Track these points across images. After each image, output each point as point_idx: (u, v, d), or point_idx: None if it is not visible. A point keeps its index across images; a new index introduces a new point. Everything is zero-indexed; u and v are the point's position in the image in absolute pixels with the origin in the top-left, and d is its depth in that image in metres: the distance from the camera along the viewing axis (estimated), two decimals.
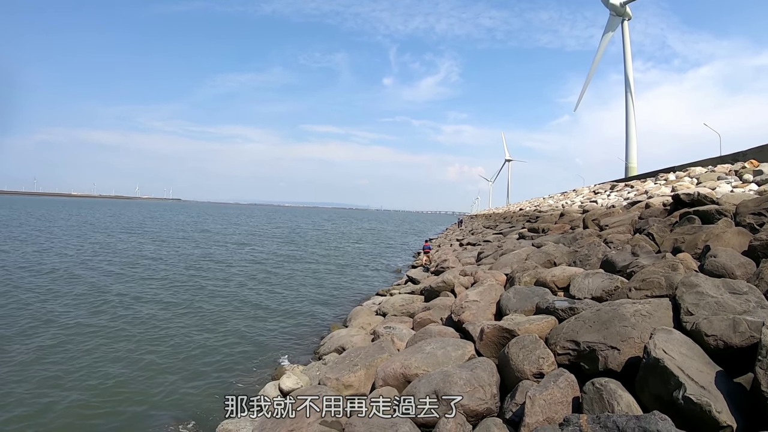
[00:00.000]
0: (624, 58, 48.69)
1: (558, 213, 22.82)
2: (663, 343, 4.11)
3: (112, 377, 9.41)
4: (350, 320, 12.73)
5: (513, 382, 5.28)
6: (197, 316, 14.40)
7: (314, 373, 8.54)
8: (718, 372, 3.99)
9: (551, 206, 33.74)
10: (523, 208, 51.51)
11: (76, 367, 9.79)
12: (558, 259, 10.85)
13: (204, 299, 16.87)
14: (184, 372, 9.89)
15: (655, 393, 3.89)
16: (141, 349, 11.09)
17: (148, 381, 9.31)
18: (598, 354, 4.81)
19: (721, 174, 17.41)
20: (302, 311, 15.89)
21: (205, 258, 29.07)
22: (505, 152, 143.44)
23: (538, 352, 5.28)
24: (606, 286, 7.10)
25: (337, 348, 9.86)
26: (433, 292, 11.74)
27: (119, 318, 13.69)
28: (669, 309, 5.27)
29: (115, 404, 8.28)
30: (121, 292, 17.11)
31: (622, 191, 25.64)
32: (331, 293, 19.56)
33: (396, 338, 8.61)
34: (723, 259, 6.62)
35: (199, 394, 8.86)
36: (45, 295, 15.97)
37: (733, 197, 11.02)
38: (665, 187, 19.27)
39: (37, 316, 13.24)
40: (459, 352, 6.46)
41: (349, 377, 6.88)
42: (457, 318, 8.09)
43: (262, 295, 18.17)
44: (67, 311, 14.01)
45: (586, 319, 5.42)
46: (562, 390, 4.42)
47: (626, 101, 47.78)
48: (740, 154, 20.68)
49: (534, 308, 7.22)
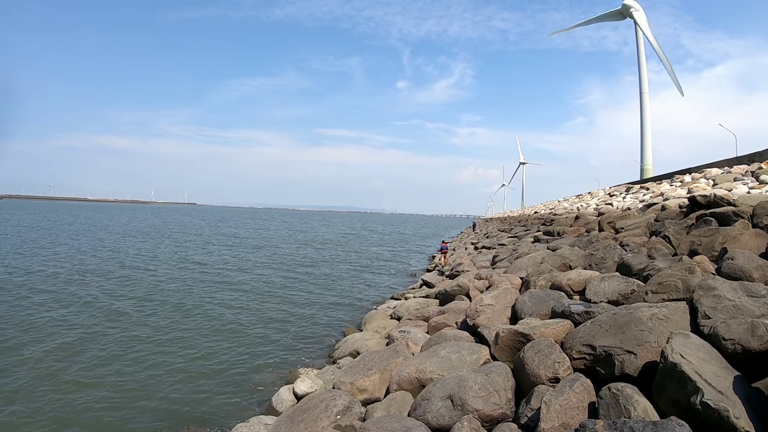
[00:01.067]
0: (638, 58, 48.33)
1: (573, 216, 22.68)
2: (680, 347, 4.08)
3: (127, 378, 9.57)
4: (365, 324, 12.76)
5: (528, 386, 5.26)
6: (211, 319, 14.55)
7: (329, 377, 8.58)
8: (736, 377, 3.95)
9: (566, 209, 33.50)
10: (538, 211, 51.22)
11: (91, 367, 10.01)
12: (573, 262, 10.78)
13: (218, 302, 17.02)
14: (198, 374, 10.00)
15: (673, 398, 3.86)
16: (154, 351, 11.26)
17: (160, 383, 9.43)
18: (615, 358, 4.78)
19: (738, 175, 17.16)
20: (317, 315, 15.95)
21: (219, 262, 29.32)
22: (520, 155, 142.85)
23: (554, 356, 5.26)
24: (622, 290, 7.05)
25: (351, 352, 9.89)
26: (448, 295, 11.73)
27: (127, 320, 13.92)
28: (686, 313, 5.23)
29: (127, 405, 8.41)
30: (134, 295, 17.37)
31: (637, 193, 25.40)
32: (345, 297, 19.61)
33: (411, 342, 8.62)
34: (740, 262, 6.54)
35: (213, 396, 8.94)
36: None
37: (750, 198, 10.87)
38: (681, 189, 19.06)
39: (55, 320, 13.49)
40: (474, 357, 6.46)
41: (364, 381, 6.91)
42: (472, 322, 8.08)
43: (278, 299, 18.26)
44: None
45: (602, 323, 5.39)
46: (578, 395, 4.40)
47: (641, 102, 47.34)
48: (757, 154, 20.35)
49: (549, 312, 7.19)
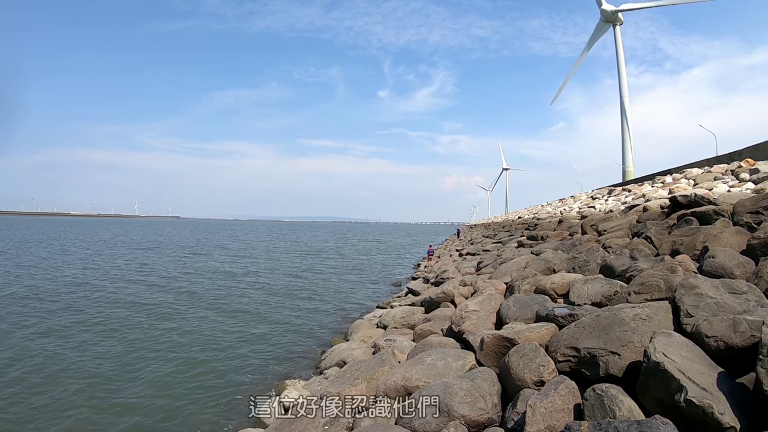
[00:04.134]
0: (617, 63, 49.02)
1: (556, 220, 22.83)
2: (663, 346, 4.07)
3: (113, 391, 9.42)
4: (351, 333, 12.65)
5: (514, 391, 5.22)
6: (196, 331, 14.35)
7: (315, 387, 8.46)
8: (719, 373, 3.94)
9: (549, 213, 33.75)
10: (521, 216, 51.49)
11: (79, 380, 9.90)
12: (557, 265, 10.81)
13: (203, 313, 16.85)
14: (184, 386, 9.86)
15: (657, 397, 3.84)
16: (139, 363, 11.10)
17: (146, 395, 9.29)
18: (599, 360, 4.76)
19: (718, 174, 17.40)
20: (303, 325, 15.81)
21: (203, 271, 29.05)
22: (503, 161, 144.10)
23: (539, 360, 5.24)
24: (605, 292, 7.07)
25: (338, 362, 9.79)
26: (434, 303, 11.68)
27: (113, 333, 13.74)
28: (669, 312, 5.23)
29: (112, 418, 8.28)
30: (122, 303, 17.06)
31: (619, 196, 25.66)
32: (331, 307, 19.48)
33: (397, 350, 8.55)
34: (721, 260, 6.59)
35: (199, 408, 8.80)
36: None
37: (730, 197, 11.01)
38: (662, 189, 19.28)
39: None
40: (459, 363, 6.41)
41: (351, 390, 6.82)
42: (458, 328, 8.04)
43: (263, 310, 18.07)
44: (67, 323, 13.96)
45: (585, 325, 5.38)
46: (563, 397, 4.37)
47: (621, 106, 48.01)
48: (736, 153, 20.69)
49: (534, 316, 7.17)
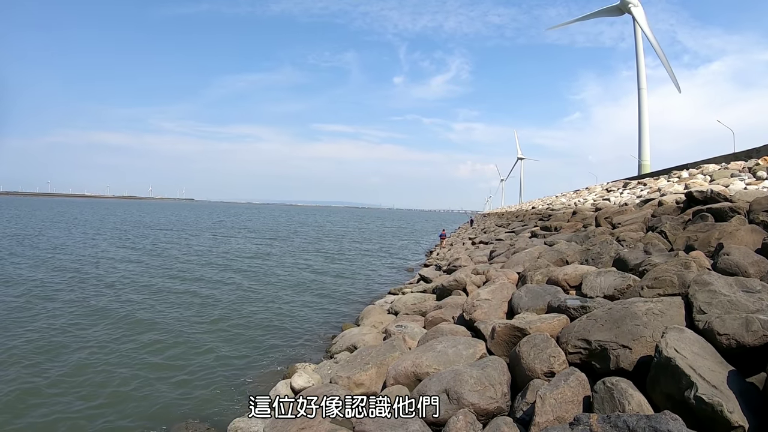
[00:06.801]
0: (636, 54, 48.25)
1: (570, 211, 22.68)
2: (675, 342, 4.09)
3: (123, 375, 9.54)
4: (362, 319, 12.77)
5: (524, 381, 5.29)
6: (207, 315, 14.56)
7: (326, 371, 8.58)
8: (730, 371, 3.96)
9: (564, 204, 33.51)
10: (535, 206, 51.19)
11: (85, 365, 9.99)
12: (570, 257, 10.79)
13: (214, 298, 17.05)
14: (195, 369, 10.01)
15: (667, 392, 3.88)
16: (151, 347, 11.25)
17: (157, 379, 9.43)
18: (610, 353, 4.80)
19: (735, 171, 17.14)
20: (314, 309, 16.00)
21: (215, 255, 29.39)
22: (518, 150, 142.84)
23: (549, 350, 5.28)
24: (618, 285, 7.06)
25: (348, 346, 9.90)
26: (445, 290, 11.74)
27: (122, 316, 13.88)
28: (681, 308, 5.23)
29: (123, 402, 8.39)
30: (132, 290, 17.40)
31: (635, 189, 25.38)
32: (343, 292, 19.65)
33: (407, 337, 8.63)
34: (736, 257, 6.54)
35: (210, 391, 8.94)
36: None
37: (747, 194, 10.88)
38: (678, 184, 19.04)
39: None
40: (470, 351, 6.46)
41: (361, 376, 6.92)
42: (469, 316, 8.09)
43: (275, 294, 18.29)
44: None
45: (597, 318, 5.40)
46: (573, 389, 4.42)
47: (639, 98, 47.31)
48: (754, 150, 20.36)
49: (546, 307, 7.20)
